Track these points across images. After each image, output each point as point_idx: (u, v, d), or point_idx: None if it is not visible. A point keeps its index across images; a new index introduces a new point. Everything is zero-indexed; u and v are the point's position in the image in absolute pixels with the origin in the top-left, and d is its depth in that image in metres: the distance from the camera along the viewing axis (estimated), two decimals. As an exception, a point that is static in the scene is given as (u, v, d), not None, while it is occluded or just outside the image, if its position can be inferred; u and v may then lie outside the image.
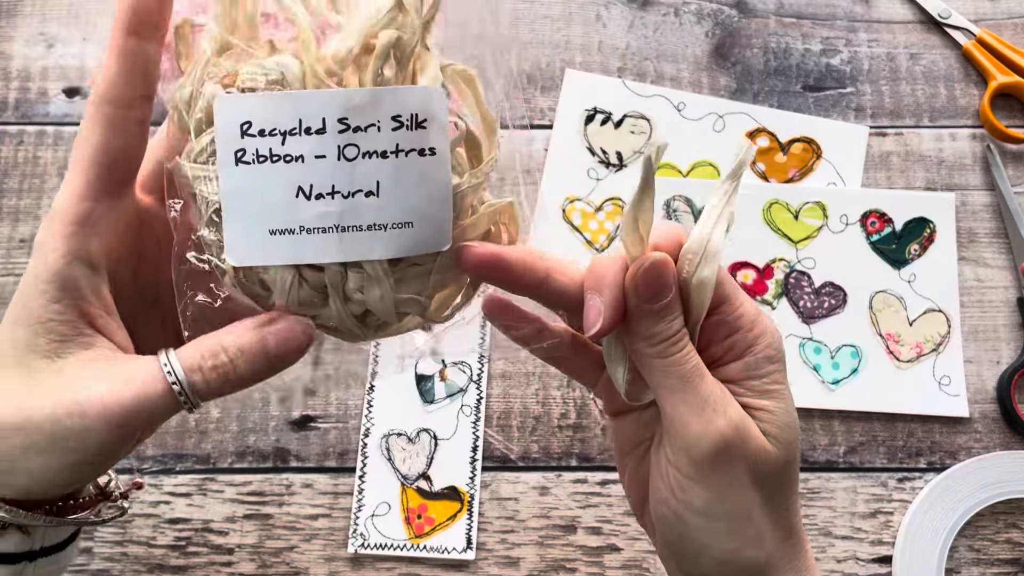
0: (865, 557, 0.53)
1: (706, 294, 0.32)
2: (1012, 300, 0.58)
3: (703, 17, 0.64)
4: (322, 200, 0.30)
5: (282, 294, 0.31)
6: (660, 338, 0.32)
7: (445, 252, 0.31)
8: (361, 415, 0.55)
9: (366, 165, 0.30)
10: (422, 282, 0.32)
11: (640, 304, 0.32)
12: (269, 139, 0.30)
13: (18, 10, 0.63)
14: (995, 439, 0.56)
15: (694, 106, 0.62)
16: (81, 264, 0.31)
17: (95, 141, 0.31)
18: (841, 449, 0.55)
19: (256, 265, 0.31)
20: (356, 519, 0.53)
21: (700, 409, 0.31)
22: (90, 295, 0.32)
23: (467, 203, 0.32)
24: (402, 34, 0.30)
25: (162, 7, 0.31)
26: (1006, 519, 0.54)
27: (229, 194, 0.30)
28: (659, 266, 0.31)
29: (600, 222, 0.59)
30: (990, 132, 0.61)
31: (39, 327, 0.31)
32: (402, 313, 0.32)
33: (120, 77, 0.31)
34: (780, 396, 0.32)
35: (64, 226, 0.31)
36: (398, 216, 0.30)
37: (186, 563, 0.53)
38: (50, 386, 0.31)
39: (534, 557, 0.53)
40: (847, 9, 0.64)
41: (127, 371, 0.31)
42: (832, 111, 0.62)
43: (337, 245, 0.30)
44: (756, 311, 0.33)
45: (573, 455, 0.55)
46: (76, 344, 0.31)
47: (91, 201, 0.31)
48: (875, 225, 0.59)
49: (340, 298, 0.31)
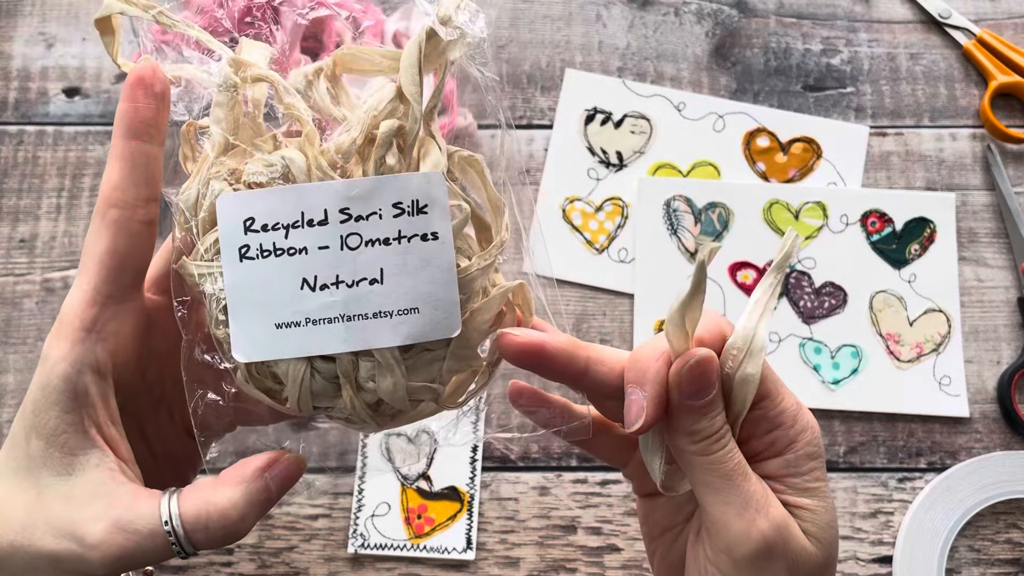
0: (865, 557, 0.53)
1: (749, 390, 0.31)
2: (1012, 300, 0.58)
3: (703, 17, 0.64)
4: (327, 291, 0.30)
5: (295, 387, 0.31)
6: (703, 435, 0.31)
7: (457, 338, 0.31)
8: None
9: (369, 253, 0.30)
10: (435, 368, 0.32)
11: (683, 401, 0.31)
12: (272, 233, 0.30)
13: (18, 10, 0.63)
14: (995, 439, 0.56)
15: (694, 106, 0.61)
16: (90, 372, 0.32)
17: (102, 246, 0.32)
18: (841, 449, 0.55)
19: (265, 360, 0.31)
20: (356, 519, 0.53)
21: (743, 509, 0.30)
22: (99, 404, 0.32)
23: (477, 286, 0.32)
24: (403, 123, 0.31)
25: (159, 111, 0.32)
26: (1006, 519, 0.54)
27: (234, 291, 0.31)
28: (704, 363, 0.31)
29: (600, 222, 0.59)
30: (990, 132, 0.61)
31: (52, 439, 0.31)
32: (416, 400, 0.32)
33: (124, 180, 0.32)
34: (821, 495, 0.32)
35: (73, 332, 0.31)
36: (403, 302, 0.30)
37: (186, 563, 0.53)
38: (57, 514, 0.31)
39: (534, 557, 0.53)
40: (847, 9, 0.64)
41: (129, 514, 0.31)
42: (832, 111, 0.62)
43: (343, 335, 0.30)
44: (797, 406, 0.33)
45: (573, 455, 0.55)
46: (85, 460, 0.32)
47: (98, 307, 0.32)
48: (875, 225, 0.59)
49: (353, 388, 0.31)
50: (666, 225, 0.59)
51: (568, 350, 0.33)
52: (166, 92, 0.32)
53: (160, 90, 0.32)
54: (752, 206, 0.59)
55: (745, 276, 0.58)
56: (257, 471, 0.32)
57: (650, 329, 0.57)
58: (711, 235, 0.59)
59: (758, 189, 0.60)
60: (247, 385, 0.32)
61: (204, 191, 0.31)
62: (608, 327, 0.57)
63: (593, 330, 0.57)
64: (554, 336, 0.33)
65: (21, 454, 0.32)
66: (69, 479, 0.32)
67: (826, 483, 0.32)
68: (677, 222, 0.59)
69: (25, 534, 0.31)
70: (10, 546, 0.31)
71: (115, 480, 0.32)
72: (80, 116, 0.61)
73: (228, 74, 0.31)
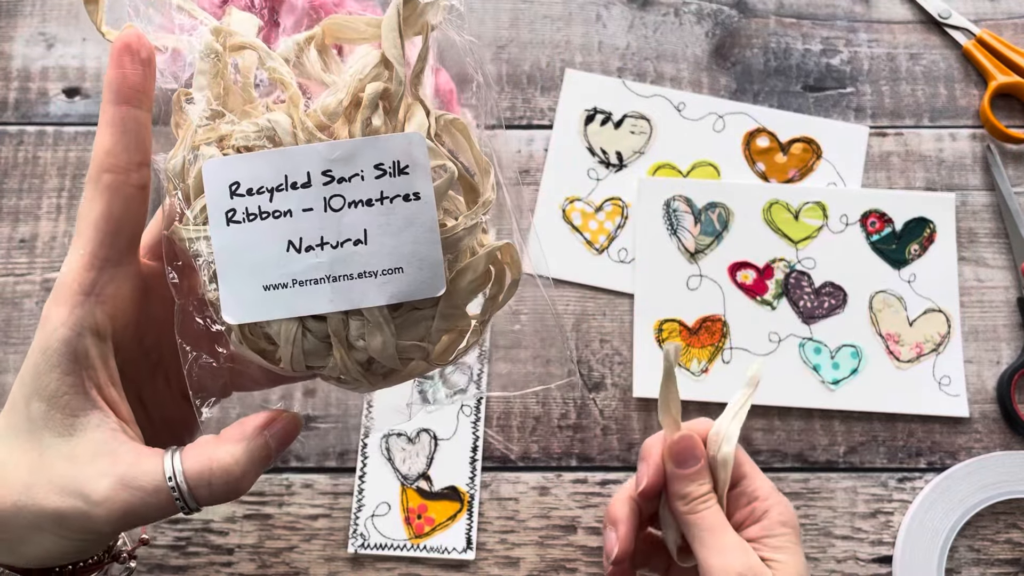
0: (865, 557, 0.53)
1: (728, 466, 0.41)
2: (1012, 300, 0.58)
3: (703, 17, 0.64)
4: (312, 252, 0.31)
5: (287, 347, 0.32)
6: (691, 497, 0.41)
7: (445, 297, 0.32)
8: (361, 415, 0.55)
9: (353, 214, 0.31)
10: (424, 327, 0.32)
11: (675, 470, 0.41)
12: (257, 197, 0.31)
13: (18, 10, 0.63)
14: (995, 439, 0.56)
15: (694, 106, 0.62)
16: (90, 334, 0.32)
17: (97, 211, 0.32)
18: (841, 449, 0.55)
19: (254, 321, 0.31)
20: (356, 519, 0.53)
21: (722, 553, 0.39)
22: (99, 366, 0.33)
23: (464, 245, 0.32)
24: (388, 85, 0.31)
25: (146, 76, 0.33)
26: (1006, 519, 0.54)
27: (222, 254, 0.31)
28: (686, 439, 0.41)
29: (600, 222, 0.59)
30: (990, 132, 0.61)
31: (54, 401, 0.32)
32: (406, 359, 0.33)
33: (116, 146, 0.32)
34: (792, 552, 0.40)
35: (72, 296, 0.32)
36: (388, 262, 0.31)
37: (186, 563, 0.53)
38: (60, 473, 0.32)
39: (534, 557, 0.53)
40: (847, 9, 0.64)
41: (133, 470, 0.32)
42: (832, 111, 0.62)
43: (330, 295, 0.31)
44: (771, 487, 0.42)
45: (573, 455, 0.55)
46: (86, 420, 0.32)
47: (96, 270, 0.32)
48: (875, 225, 0.59)
49: (344, 347, 0.32)
50: (666, 225, 0.59)
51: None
52: (152, 58, 0.33)
53: (146, 56, 0.32)
54: (752, 206, 0.59)
55: (745, 276, 0.58)
56: (257, 429, 0.33)
57: (650, 329, 0.57)
58: (711, 235, 0.59)
59: (758, 189, 0.60)
60: (241, 346, 0.33)
61: (190, 157, 0.32)
62: (608, 327, 0.57)
63: (593, 330, 0.57)
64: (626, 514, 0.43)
65: (21, 418, 0.32)
66: (71, 439, 0.32)
67: (799, 547, 0.41)
68: (677, 222, 0.59)
69: (29, 494, 0.31)
70: (14, 506, 0.31)
71: (117, 439, 0.32)
72: (80, 116, 0.61)
73: (210, 42, 0.32)
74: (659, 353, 0.57)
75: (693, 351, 0.57)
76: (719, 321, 0.57)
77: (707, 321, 0.57)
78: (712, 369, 0.56)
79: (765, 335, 0.57)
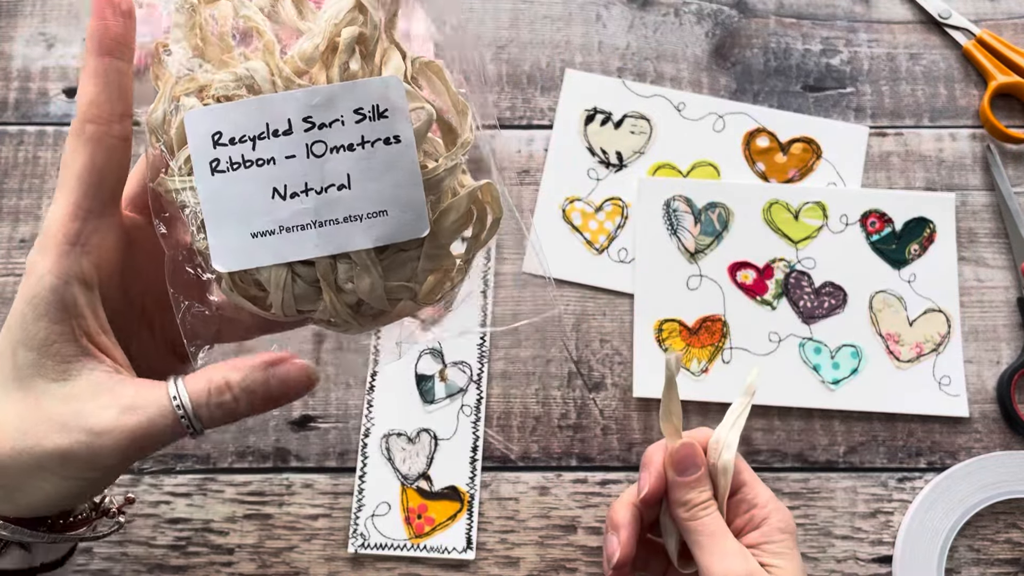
0: (865, 557, 0.53)
1: (728, 474, 0.42)
2: (1012, 300, 0.58)
3: (703, 17, 0.64)
4: (297, 198, 0.31)
5: (277, 292, 0.32)
6: (692, 504, 0.41)
7: (429, 237, 0.33)
8: (361, 415, 0.56)
9: (335, 160, 0.31)
10: (410, 268, 0.33)
11: (675, 476, 0.42)
12: (240, 146, 0.31)
13: (18, 10, 0.63)
14: (995, 439, 0.56)
15: (694, 106, 0.62)
16: (77, 283, 0.32)
17: (81, 161, 0.32)
18: (841, 449, 0.55)
19: (244, 269, 0.32)
20: (356, 519, 0.53)
21: (722, 557, 0.40)
22: (88, 314, 0.32)
23: (445, 186, 0.33)
24: (364, 30, 0.32)
25: (127, 28, 0.33)
26: (1006, 519, 0.54)
27: (209, 204, 0.32)
28: (686, 447, 0.42)
29: (600, 222, 0.59)
30: (990, 132, 0.61)
31: (44, 349, 0.32)
32: (394, 300, 0.34)
33: (99, 96, 0.32)
34: (790, 558, 0.41)
35: (57, 246, 0.32)
36: (372, 206, 0.32)
37: (186, 563, 0.53)
38: (60, 412, 0.31)
39: (534, 557, 0.53)
40: (847, 9, 0.64)
41: (135, 398, 0.32)
42: (832, 111, 0.62)
43: (316, 240, 0.32)
44: (770, 494, 0.43)
45: (573, 455, 0.55)
46: (81, 365, 0.32)
47: (81, 220, 0.32)
48: (875, 225, 0.59)
49: (333, 290, 0.32)
50: (666, 225, 0.59)
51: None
52: (132, 11, 0.33)
53: (127, 8, 0.33)
54: (752, 206, 0.59)
55: (744, 276, 0.58)
56: (263, 363, 0.33)
57: (650, 329, 0.57)
58: (711, 235, 0.59)
59: (758, 189, 0.60)
60: (232, 294, 0.33)
61: (171, 109, 0.32)
62: (608, 327, 0.57)
63: (593, 330, 0.57)
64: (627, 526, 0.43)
65: (8, 366, 0.32)
66: (66, 383, 0.32)
67: (797, 552, 0.41)
68: (677, 222, 0.59)
69: (27, 438, 0.31)
70: (12, 451, 0.31)
71: (114, 379, 0.32)
72: (80, 116, 0.61)
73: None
74: (659, 353, 0.57)
75: (693, 351, 0.57)
76: (719, 321, 0.57)
77: (707, 321, 0.57)
78: (712, 369, 0.56)
79: (765, 335, 0.57)
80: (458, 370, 0.56)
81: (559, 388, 0.56)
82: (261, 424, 0.55)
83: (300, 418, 0.55)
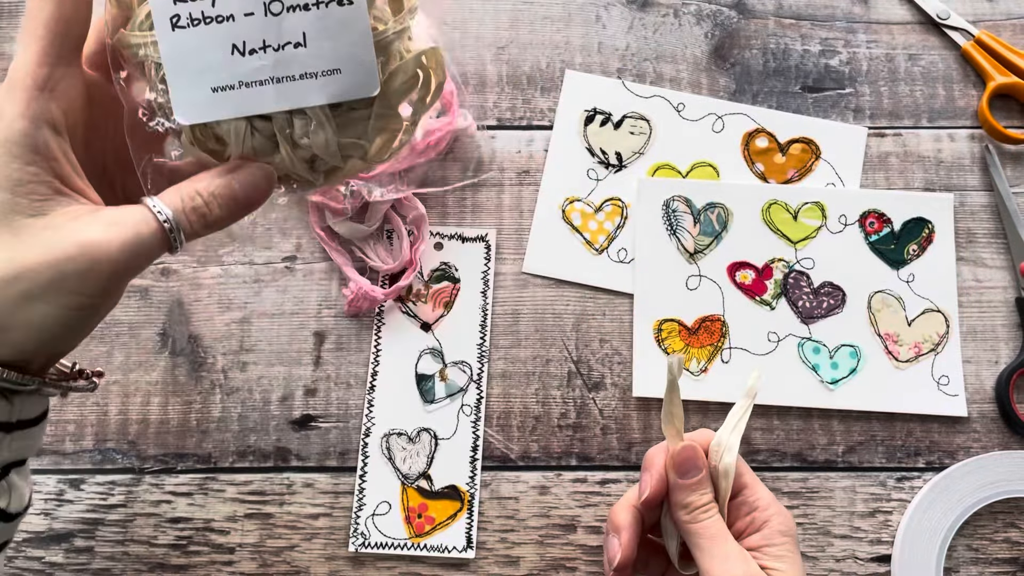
0: (864, 556, 0.54)
1: (729, 477, 0.42)
2: (1010, 300, 0.58)
3: (702, 18, 0.64)
4: (255, 55, 0.34)
5: (237, 144, 0.34)
6: (693, 507, 0.41)
7: (379, 97, 0.35)
8: (361, 415, 0.56)
9: (291, 19, 0.33)
10: (362, 127, 0.36)
11: (677, 479, 0.42)
12: (200, 3, 0.33)
13: (19, 11, 0.63)
14: (993, 439, 0.56)
15: (693, 107, 0.62)
16: (47, 127, 0.33)
17: (48, 10, 0.33)
18: (840, 449, 0.55)
19: (205, 121, 0.34)
20: (356, 518, 0.54)
21: (723, 560, 0.40)
22: (60, 157, 0.33)
23: (394, 49, 0.35)
24: None
25: None
26: (1004, 518, 0.54)
27: (170, 58, 0.33)
28: (687, 450, 0.42)
29: (600, 222, 0.60)
30: (989, 133, 0.61)
31: (18, 189, 0.32)
32: (346, 156, 0.36)
33: None
34: (791, 561, 0.41)
35: (26, 90, 0.32)
36: (326, 64, 0.34)
37: (187, 562, 0.53)
38: (43, 239, 0.32)
39: (534, 556, 0.53)
40: (846, 10, 0.64)
41: (116, 216, 0.33)
42: (831, 112, 0.62)
43: (274, 95, 0.34)
44: (771, 497, 0.43)
45: (573, 455, 0.55)
46: (57, 202, 0.33)
47: (49, 67, 0.33)
48: (874, 225, 0.59)
49: (289, 144, 0.35)
50: (665, 225, 0.59)
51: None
52: None
53: None
54: (751, 206, 0.59)
55: (744, 276, 0.58)
56: (223, 170, 0.35)
57: (649, 329, 0.57)
58: (710, 235, 0.59)
59: (757, 190, 0.60)
60: (192, 148, 0.35)
61: None
62: (608, 327, 0.57)
63: (593, 330, 0.57)
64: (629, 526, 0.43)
65: None
66: (45, 217, 0.32)
67: (798, 555, 0.41)
68: (676, 222, 0.59)
69: (12, 267, 0.31)
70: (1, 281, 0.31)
71: (91, 208, 0.33)
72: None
73: None
74: (659, 353, 0.57)
75: (692, 351, 0.57)
76: (718, 321, 0.58)
77: (706, 321, 0.58)
78: (711, 369, 0.57)
79: (764, 335, 0.57)
80: (458, 370, 0.56)
81: (559, 388, 0.57)
82: (262, 424, 0.55)
83: (301, 418, 0.56)
